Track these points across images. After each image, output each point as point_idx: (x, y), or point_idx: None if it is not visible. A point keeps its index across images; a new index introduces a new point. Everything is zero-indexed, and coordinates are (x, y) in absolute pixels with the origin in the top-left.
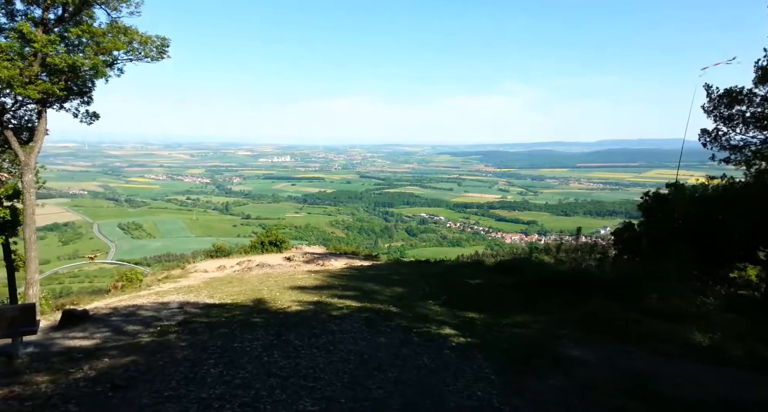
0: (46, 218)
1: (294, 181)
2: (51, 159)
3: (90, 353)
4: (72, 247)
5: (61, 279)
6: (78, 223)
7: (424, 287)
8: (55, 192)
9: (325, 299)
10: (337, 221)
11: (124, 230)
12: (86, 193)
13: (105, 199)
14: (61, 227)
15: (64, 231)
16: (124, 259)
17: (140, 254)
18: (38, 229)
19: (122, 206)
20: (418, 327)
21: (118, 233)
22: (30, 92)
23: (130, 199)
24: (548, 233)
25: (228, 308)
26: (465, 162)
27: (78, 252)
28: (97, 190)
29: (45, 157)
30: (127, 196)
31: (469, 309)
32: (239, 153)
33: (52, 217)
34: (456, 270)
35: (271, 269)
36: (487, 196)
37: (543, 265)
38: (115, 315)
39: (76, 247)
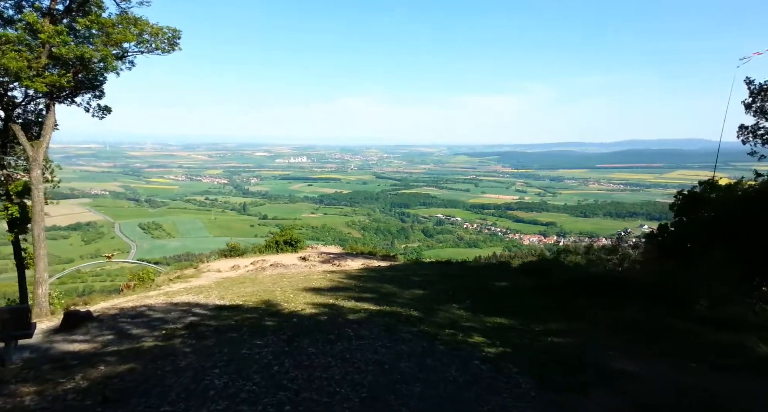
0: (69, 218)
1: (310, 181)
2: (74, 160)
3: (86, 360)
4: (94, 246)
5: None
6: (100, 222)
7: (446, 289)
8: (78, 192)
9: (341, 302)
10: (354, 222)
11: (144, 230)
12: (108, 193)
13: (126, 199)
14: (83, 226)
15: (86, 231)
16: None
17: (160, 254)
18: (61, 228)
19: (142, 206)
20: (442, 334)
21: (139, 233)
22: (37, 85)
23: (150, 200)
24: (567, 235)
25: (239, 310)
26: (482, 163)
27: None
28: (118, 191)
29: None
30: (147, 197)
31: (497, 314)
32: (256, 154)
33: (75, 217)
34: (479, 271)
35: (285, 269)
36: (504, 197)
37: (575, 267)
38: (120, 317)
39: (98, 246)
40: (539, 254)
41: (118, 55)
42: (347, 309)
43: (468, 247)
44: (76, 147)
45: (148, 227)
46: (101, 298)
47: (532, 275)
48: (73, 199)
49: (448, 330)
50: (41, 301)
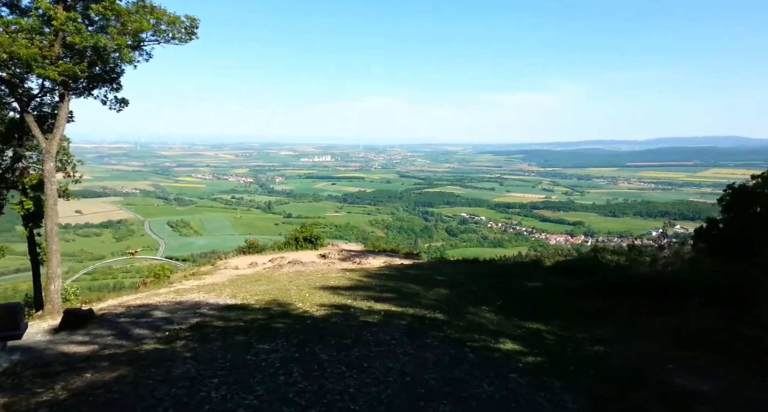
0: (101, 216)
1: (334, 180)
2: (106, 159)
3: (74, 365)
4: (125, 243)
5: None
6: (130, 220)
7: (473, 289)
8: (110, 191)
9: (359, 302)
10: (377, 221)
11: (172, 228)
12: (138, 191)
13: (155, 197)
14: (114, 224)
15: (117, 228)
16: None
17: (188, 251)
18: (94, 226)
19: (171, 205)
20: (471, 340)
21: (168, 231)
22: (50, 73)
23: (179, 198)
24: (595, 235)
25: (249, 309)
26: (507, 161)
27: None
28: (148, 189)
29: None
30: (176, 195)
31: (532, 318)
32: (281, 153)
33: (107, 214)
34: (509, 270)
35: (302, 267)
36: (530, 196)
37: (616, 266)
38: (124, 316)
39: (128, 243)
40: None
41: (133, 45)
42: (366, 310)
43: (492, 246)
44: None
45: (177, 225)
46: (113, 295)
47: (569, 275)
48: (105, 198)
49: (478, 335)
50: (53, 297)
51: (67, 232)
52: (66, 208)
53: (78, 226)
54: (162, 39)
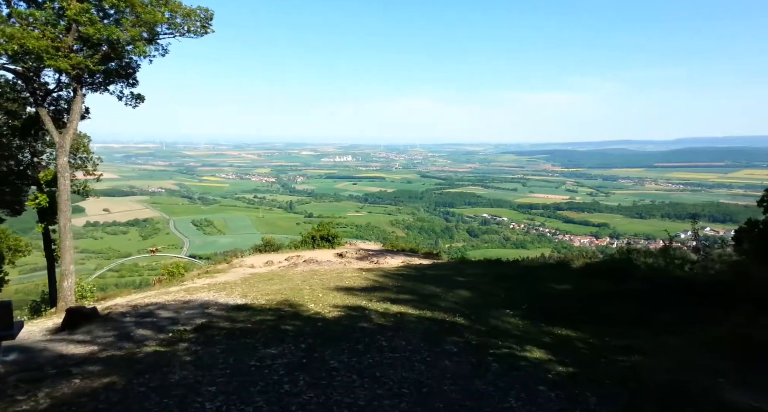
0: (128, 214)
1: (355, 180)
2: (133, 159)
3: (66, 369)
4: (151, 241)
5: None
6: (156, 219)
7: (497, 291)
8: (137, 190)
9: (374, 304)
10: (398, 221)
11: (197, 227)
12: (163, 191)
13: (180, 196)
14: (141, 222)
15: (143, 226)
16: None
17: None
18: (121, 224)
19: (195, 204)
20: (495, 347)
21: (192, 229)
22: (61, 64)
23: (203, 197)
24: (621, 237)
25: (259, 310)
26: (530, 161)
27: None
28: (173, 188)
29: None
30: (200, 194)
31: (562, 323)
32: (303, 153)
33: (134, 213)
34: (534, 272)
35: (318, 266)
36: (553, 196)
37: (651, 269)
38: (130, 315)
39: (154, 241)
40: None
41: (148, 39)
42: (381, 313)
43: (515, 247)
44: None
45: (200, 224)
46: (126, 292)
47: (599, 278)
48: (132, 197)
49: (502, 342)
50: (66, 294)
51: (95, 230)
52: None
53: (106, 224)
54: (177, 32)
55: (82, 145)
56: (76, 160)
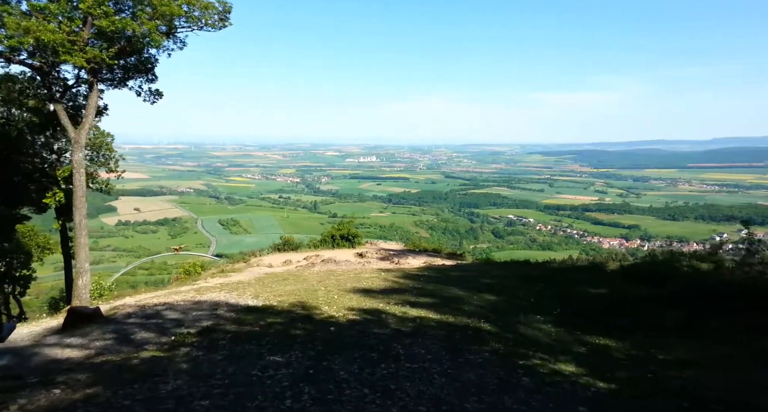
0: (158, 214)
1: (379, 180)
2: (163, 160)
3: (50, 377)
4: (179, 240)
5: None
6: (184, 218)
7: (525, 294)
8: (166, 190)
9: (392, 307)
10: (422, 221)
11: (223, 226)
12: (192, 191)
13: (208, 196)
14: (170, 221)
15: (172, 226)
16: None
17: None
18: (151, 223)
19: (222, 203)
20: (525, 357)
21: (219, 229)
22: (76, 59)
23: (230, 197)
24: (653, 239)
25: (269, 312)
26: (558, 162)
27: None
28: (201, 189)
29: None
30: (227, 194)
31: (598, 332)
32: (327, 153)
33: (163, 212)
34: (565, 274)
35: (335, 266)
36: (582, 197)
37: (696, 273)
38: (134, 316)
39: (182, 240)
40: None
41: (166, 32)
42: (399, 317)
43: (541, 249)
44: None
45: (227, 223)
46: (139, 291)
47: (639, 282)
48: (161, 196)
49: (533, 352)
50: (81, 293)
51: (126, 228)
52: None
53: (137, 223)
54: (195, 25)
55: (104, 144)
56: (99, 158)
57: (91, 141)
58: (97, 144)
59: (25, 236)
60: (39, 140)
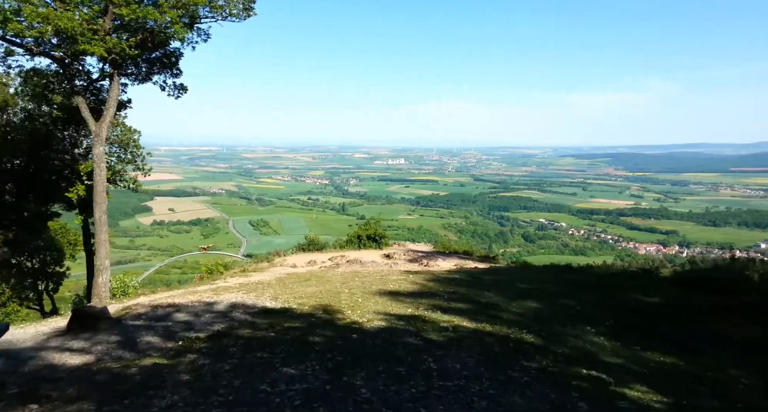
0: (191, 214)
1: (407, 183)
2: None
3: (34, 388)
4: (211, 240)
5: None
6: (216, 219)
7: (569, 302)
8: (199, 191)
9: (422, 313)
10: (450, 224)
11: (254, 227)
12: (224, 192)
13: (239, 197)
14: (202, 222)
15: (205, 226)
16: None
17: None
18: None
19: (253, 205)
20: (579, 377)
21: (249, 229)
22: (95, 49)
23: (260, 199)
24: (692, 245)
25: (287, 316)
26: (591, 165)
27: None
28: (232, 190)
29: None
30: (257, 196)
31: (660, 347)
32: (356, 155)
33: (196, 213)
34: (612, 280)
35: (361, 267)
36: (616, 202)
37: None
38: (144, 317)
39: (214, 240)
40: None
41: (189, 23)
42: (430, 324)
43: (574, 254)
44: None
45: (257, 224)
46: (149, 291)
47: (698, 290)
48: (194, 197)
49: (587, 370)
50: (101, 291)
51: (161, 228)
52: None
53: (171, 223)
54: (219, 15)
55: (132, 141)
56: (126, 156)
57: (118, 138)
58: (124, 141)
59: (57, 233)
60: (68, 137)
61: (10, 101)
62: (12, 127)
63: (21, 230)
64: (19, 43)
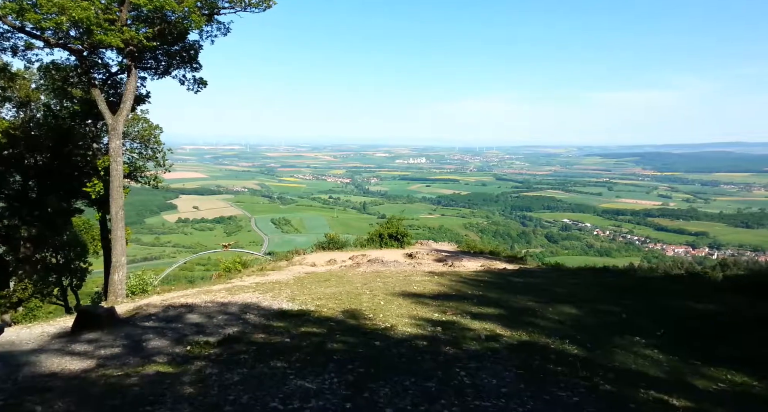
0: (215, 212)
1: (428, 182)
2: (221, 160)
3: (19, 399)
4: (234, 237)
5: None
6: (239, 217)
7: (612, 309)
8: (223, 189)
9: (451, 318)
10: (471, 224)
11: (275, 225)
12: (246, 190)
13: (261, 196)
14: (226, 220)
15: (228, 224)
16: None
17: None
18: (208, 221)
19: (275, 203)
20: (636, 398)
21: (271, 228)
22: (111, 39)
23: (282, 197)
24: (723, 247)
25: (305, 319)
26: (618, 164)
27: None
28: (255, 188)
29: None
30: (279, 194)
31: (723, 362)
32: (377, 154)
33: (220, 211)
34: (655, 285)
35: (382, 267)
36: (643, 202)
37: None
38: (153, 318)
39: (237, 237)
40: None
41: (208, 14)
42: (460, 331)
43: (599, 255)
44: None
45: (279, 223)
46: (163, 289)
47: (756, 297)
48: (218, 195)
49: (645, 390)
50: (117, 288)
51: (186, 226)
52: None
53: (195, 220)
54: (238, 6)
55: (153, 136)
56: (147, 152)
57: (139, 134)
58: (145, 136)
59: (81, 229)
60: (90, 131)
61: (32, 96)
62: (35, 123)
63: (43, 227)
64: (38, 35)
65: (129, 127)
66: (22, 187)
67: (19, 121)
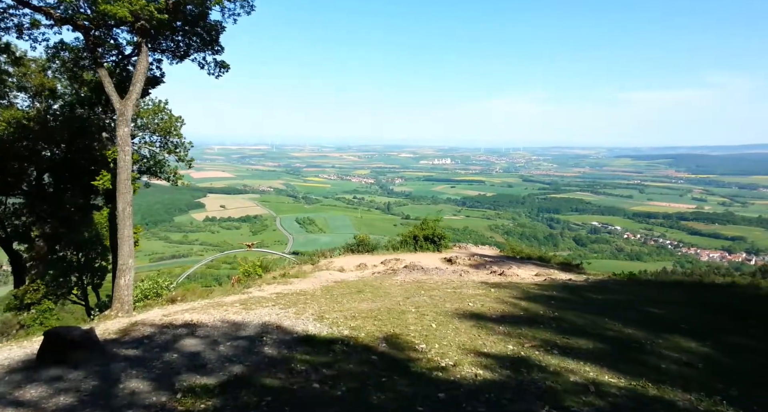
0: (241, 211)
1: (453, 183)
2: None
3: None
4: (259, 236)
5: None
6: (264, 216)
7: (750, 344)
8: (249, 188)
9: (531, 353)
10: (496, 225)
11: (300, 225)
12: (272, 190)
13: (286, 195)
14: (251, 219)
15: (253, 223)
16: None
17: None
18: (234, 220)
19: (300, 203)
20: None
21: (296, 227)
22: (117, 10)
23: (306, 197)
24: (761, 253)
25: (337, 349)
26: (650, 166)
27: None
28: (280, 188)
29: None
30: (304, 194)
31: None
32: (401, 155)
33: (246, 210)
34: None
35: (423, 275)
36: (676, 205)
37: None
38: (144, 343)
39: (262, 237)
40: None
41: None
42: (552, 376)
43: (629, 260)
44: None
45: (303, 222)
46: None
47: None
48: (244, 194)
49: None
50: (123, 294)
51: (212, 224)
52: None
53: (222, 219)
54: None
55: (174, 128)
56: (168, 145)
57: (159, 126)
58: (166, 128)
59: (102, 226)
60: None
61: (47, 84)
62: (51, 114)
63: (59, 224)
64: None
65: (148, 119)
66: (37, 182)
67: (34, 112)
